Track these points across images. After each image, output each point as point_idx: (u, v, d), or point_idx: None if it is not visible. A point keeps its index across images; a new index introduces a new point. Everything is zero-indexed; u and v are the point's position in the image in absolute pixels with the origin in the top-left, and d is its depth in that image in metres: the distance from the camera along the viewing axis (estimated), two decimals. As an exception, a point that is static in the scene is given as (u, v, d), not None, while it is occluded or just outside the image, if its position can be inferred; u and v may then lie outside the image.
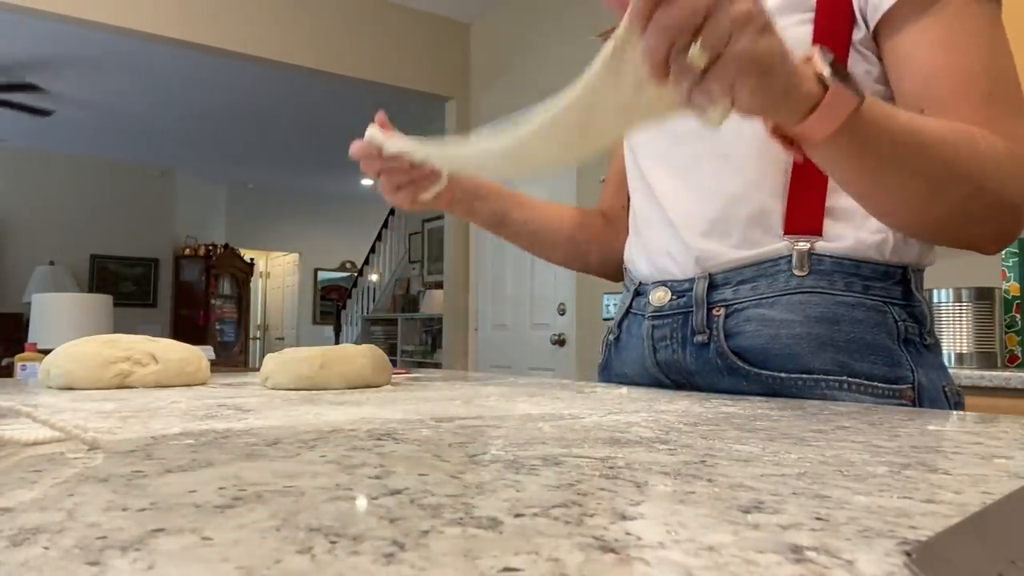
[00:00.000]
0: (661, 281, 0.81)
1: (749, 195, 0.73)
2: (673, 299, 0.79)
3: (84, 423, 0.36)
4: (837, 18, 0.70)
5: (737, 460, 0.34)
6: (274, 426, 0.44)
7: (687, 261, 0.77)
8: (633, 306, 0.86)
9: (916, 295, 0.73)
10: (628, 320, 0.86)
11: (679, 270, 0.79)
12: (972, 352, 1.89)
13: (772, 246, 0.73)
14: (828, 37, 0.69)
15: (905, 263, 0.72)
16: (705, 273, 0.76)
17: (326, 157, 7.60)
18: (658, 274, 0.82)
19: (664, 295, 0.80)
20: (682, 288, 0.78)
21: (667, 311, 0.79)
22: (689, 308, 0.77)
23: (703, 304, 0.76)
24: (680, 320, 0.78)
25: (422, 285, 6.52)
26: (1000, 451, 0.37)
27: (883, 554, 0.20)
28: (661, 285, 0.81)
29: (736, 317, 0.73)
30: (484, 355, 4.35)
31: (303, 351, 0.77)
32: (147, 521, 0.22)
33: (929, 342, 0.73)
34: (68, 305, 3.16)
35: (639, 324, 0.83)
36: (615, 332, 0.89)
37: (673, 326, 0.78)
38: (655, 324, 0.80)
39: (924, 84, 0.66)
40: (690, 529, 0.22)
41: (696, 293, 0.76)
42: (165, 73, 5.34)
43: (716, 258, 0.75)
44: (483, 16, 4.35)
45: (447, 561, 0.19)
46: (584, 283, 3.53)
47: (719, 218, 0.75)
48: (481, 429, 0.44)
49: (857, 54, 0.70)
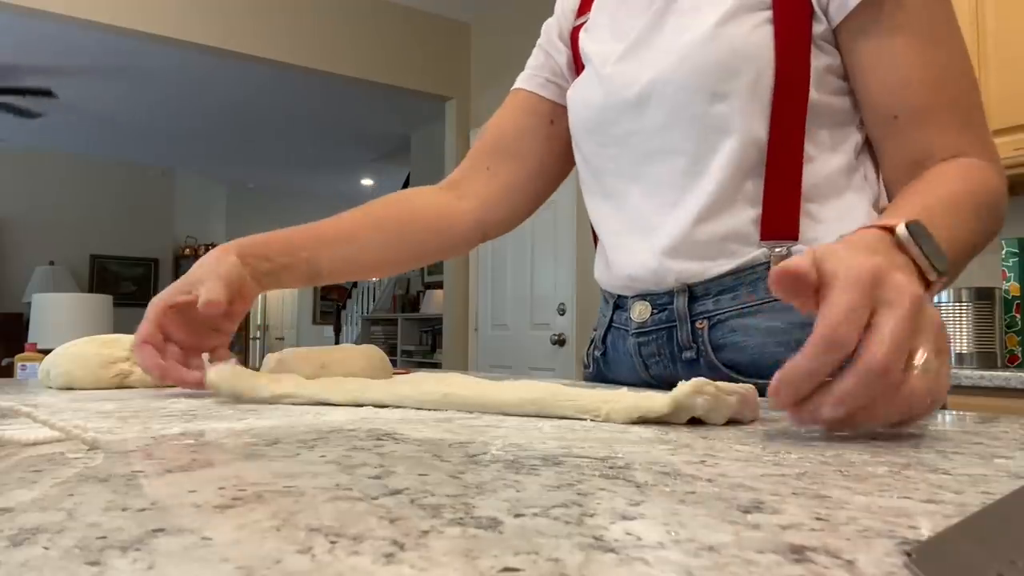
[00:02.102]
0: (639, 295, 0.80)
1: (724, 208, 0.72)
2: (655, 313, 0.78)
3: (84, 423, 0.36)
4: (796, 14, 0.69)
5: (737, 460, 0.34)
6: (274, 426, 0.44)
7: (664, 276, 0.76)
8: (615, 321, 0.84)
9: None
10: (612, 335, 0.85)
11: (656, 284, 0.77)
12: (972, 352, 1.89)
13: (750, 255, 0.72)
14: (789, 35, 0.69)
15: None
16: (684, 286, 0.75)
17: (326, 157, 7.60)
18: (635, 288, 0.80)
19: (645, 309, 0.79)
20: (662, 301, 0.77)
21: (650, 327, 0.78)
22: (672, 323, 0.76)
23: (686, 319, 0.75)
24: (665, 336, 0.77)
25: (422, 285, 6.52)
26: (1000, 451, 0.37)
27: (883, 554, 0.20)
28: (639, 299, 0.79)
29: (720, 328, 0.73)
30: (484, 355, 4.35)
31: (303, 351, 0.77)
32: (147, 521, 0.22)
33: None
34: (68, 305, 3.16)
35: (624, 340, 0.82)
36: (600, 348, 0.87)
37: (659, 342, 0.77)
38: (641, 341, 0.79)
39: (894, 93, 0.67)
40: (690, 529, 0.22)
41: (678, 308, 0.75)
42: (165, 73, 5.34)
43: (694, 274, 0.74)
44: (483, 16, 4.35)
45: (447, 561, 0.19)
46: (584, 283, 3.53)
47: (695, 233, 0.73)
48: (481, 429, 0.44)
49: (817, 49, 0.70)
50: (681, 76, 0.72)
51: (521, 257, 4.08)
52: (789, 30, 0.69)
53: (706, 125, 0.72)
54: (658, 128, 0.75)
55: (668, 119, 0.74)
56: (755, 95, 0.69)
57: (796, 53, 0.69)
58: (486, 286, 4.36)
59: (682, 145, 0.74)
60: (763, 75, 0.69)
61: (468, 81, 4.48)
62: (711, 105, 0.71)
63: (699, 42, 0.71)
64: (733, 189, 0.72)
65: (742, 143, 0.70)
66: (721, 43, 0.70)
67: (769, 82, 0.69)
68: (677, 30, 0.75)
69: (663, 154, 0.75)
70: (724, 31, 0.70)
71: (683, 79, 0.72)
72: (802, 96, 0.70)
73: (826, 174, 0.71)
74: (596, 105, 0.81)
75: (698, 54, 0.71)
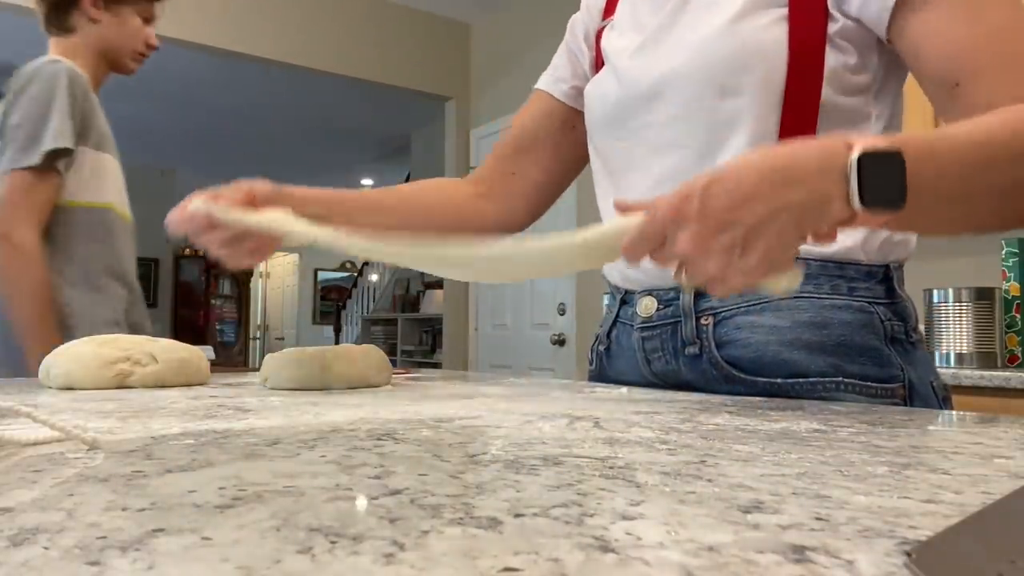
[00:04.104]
0: (646, 290, 0.80)
1: None
2: (660, 308, 0.78)
3: (84, 423, 0.36)
4: (811, 12, 0.69)
5: (737, 460, 0.34)
6: (274, 426, 0.44)
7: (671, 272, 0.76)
8: (620, 315, 0.85)
9: (899, 292, 0.73)
10: (616, 330, 0.85)
11: (662, 279, 0.77)
12: (972, 352, 1.89)
13: None
14: (804, 33, 0.69)
15: (887, 261, 0.72)
16: None
17: (326, 157, 7.60)
18: (642, 284, 0.80)
19: (651, 304, 0.79)
20: (668, 297, 0.77)
21: (655, 321, 0.78)
22: (677, 318, 0.76)
23: (691, 314, 0.75)
24: (669, 331, 0.77)
25: (422, 285, 6.52)
26: (1000, 451, 0.37)
27: (883, 554, 0.20)
28: (647, 294, 0.80)
29: (725, 325, 0.73)
30: (484, 355, 4.35)
31: (303, 351, 0.77)
32: (147, 521, 0.22)
33: (915, 339, 0.73)
34: (68, 305, 3.15)
35: (628, 335, 0.82)
36: (604, 343, 0.88)
37: (663, 337, 0.78)
38: (645, 336, 0.79)
39: (949, 60, 0.64)
40: (690, 529, 0.22)
41: (683, 303, 0.75)
42: (166, 73, 5.34)
43: None
44: (483, 16, 4.35)
45: (447, 561, 0.19)
46: (584, 283, 3.53)
47: None
48: (481, 429, 0.44)
49: (832, 47, 0.69)
50: (693, 70, 0.73)
51: (521, 257, 4.07)
52: (804, 28, 0.69)
53: (716, 120, 0.72)
54: (669, 121, 0.76)
55: (679, 112, 0.75)
56: (767, 91, 0.69)
57: (810, 51, 0.69)
58: (486, 286, 4.36)
59: (692, 139, 0.74)
60: (775, 71, 0.69)
61: (468, 81, 4.48)
62: (722, 100, 0.71)
63: (712, 37, 0.72)
64: None
65: (751, 139, 0.70)
66: (734, 38, 0.70)
67: (781, 79, 0.69)
68: (692, 25, 0.75)
69: (673, 147, 0.76)
70: (738, 27, 0.70)
71: (694, 73, 0.73)
72: (815, 94, 0.69)
73: None
74: (612, 99, 0.82)
75: (710, 49, 0.71)
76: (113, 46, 1.52)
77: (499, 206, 0.96)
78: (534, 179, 0.97)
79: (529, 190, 0.97)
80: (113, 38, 1.52)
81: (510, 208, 0.97)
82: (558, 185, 0.99)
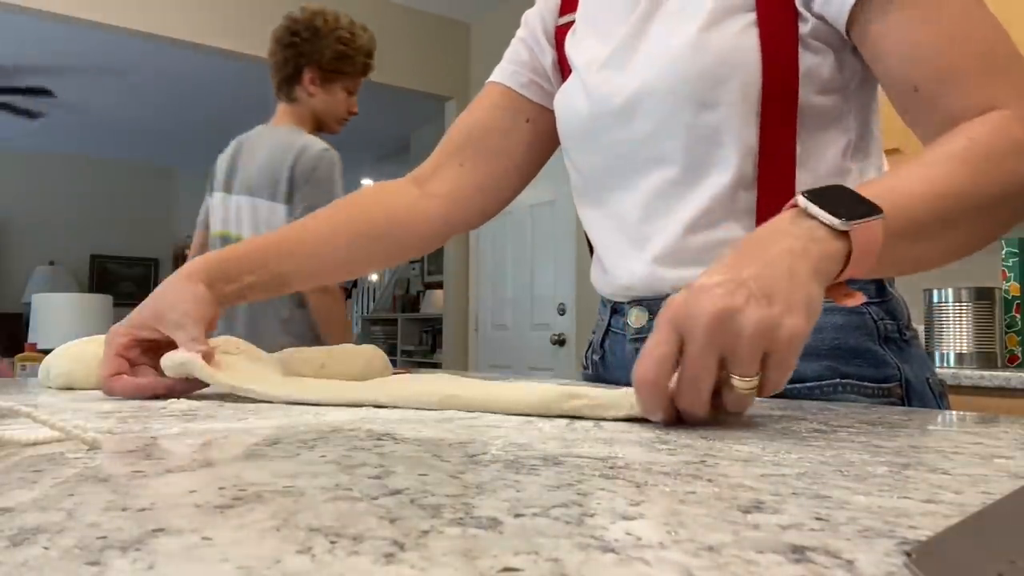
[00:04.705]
0: (635, 301, 0.79)
1: (717, 217, 0.71)
2: (652, 319, 0.77)
3: (84, 423, 0.36)
4: (781, 14, 0.68)
5: (737, 460, 0.34)
6: (274, 426, 0.44)
7: (658, 284, 0.75)
8: (612, 325, 0.84)
9: (889, 290, 0.72)
10: (609, 339, 0.85)
11: (651, 291, 0.77)
12: (972, 352, 1.89)
13: None
14: (775, 38, 0.68)
15: None
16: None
17: (326, 157, 7.59)
18: (630, 295, 0.80)
19: (642, 315, 0.78)
20: (658, 307, 0.76)
21: (648, 332, 0.78)
22: None
23: None
24: None
25: (422, 285, 6.52)
26: (1000, 451, 0.37)
27: (883, 554, 0.20)
28: (636, 305, 0.79)
29: None
30: (484, 355, 4.35)
31: (304, 351, 0.77)
32: (147, 521, 0.22)
33: (908, 336, 0.72)
34: (68, 305, 3.15)
35: (621, 346, 0.82)
36: (599, 352, 0.87)
37: None
38: (638, 347, 0.79)
39: (907, 63, 0.63)
40: (690, 529, 0.22)
41: None
42: (165, 73, 5.34)
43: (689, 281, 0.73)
44: (483, 16, 4.35)
45: (447, 561, 0.19)
46: (584, 283, 3.54)
47: (687, 242, 0.72)
48: (481, 429, 0.44)
49: (805, 48, 0.68)
50: (668, 85, 0.71)
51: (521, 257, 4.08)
52: (775, 32, 0.68)
53: (696, 135, 0.71)
54: (647, 137, 0.74)
55: (657, 128, 0.73)
56: (744, 101, 0.68)
57: (783, 55, 0.68)
58: (486, 286, 4.36)
59: (672, 155, 0.73)
60: (751, 81, 0.68)
61: (468, 81, 4.48)
62: (700, 114, 0.70)
63: (683, 50, 0.70)
64: (726, 199, 0.71)
65: (733, 151, 0.69)
66: (707, 51, 0.69)
67: (757, 87, 0.68)
68: (662, 36, 0.73)
69: (653, 163, 0.74)
70: (709, 37, 0.69)
71: (670, 88, 0.71)
72: (792, 97, 0.68)
73: (818, 176, 0.71)
74: (583, 114, 0.80)
75: (683, 63, 0.70)
76: (324, 114, 1.95)
77: (447, 205, 0.91)
78: (485, 176, 0.91)
79: (481, 183, 0.91)
80: (324, 108, 1.94)
81: (460, 206, 0.92)
82: (512, 181, 0.93)
